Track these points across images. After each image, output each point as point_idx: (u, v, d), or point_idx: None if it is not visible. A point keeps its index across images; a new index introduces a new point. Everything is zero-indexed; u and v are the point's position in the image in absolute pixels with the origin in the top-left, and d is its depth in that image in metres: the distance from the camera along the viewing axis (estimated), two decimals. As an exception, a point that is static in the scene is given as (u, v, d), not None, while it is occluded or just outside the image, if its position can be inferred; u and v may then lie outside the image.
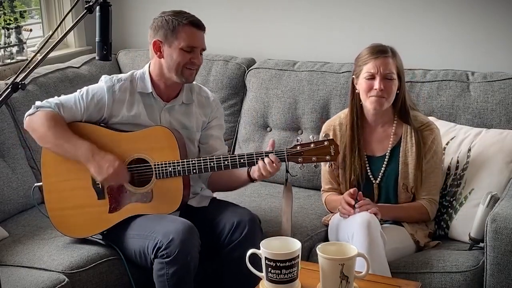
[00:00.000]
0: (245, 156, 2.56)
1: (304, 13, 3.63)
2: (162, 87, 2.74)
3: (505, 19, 3.23)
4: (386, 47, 2.73)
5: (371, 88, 2.68)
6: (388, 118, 2.80)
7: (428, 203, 2.77)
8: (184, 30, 2.64)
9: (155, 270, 2.51)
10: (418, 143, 2.73)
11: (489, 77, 3.09)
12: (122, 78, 2.74)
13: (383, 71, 2.67)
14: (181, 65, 2.66)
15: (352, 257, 2.11)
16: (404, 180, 2.76)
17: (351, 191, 2.65)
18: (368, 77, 2.69)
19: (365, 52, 2.74)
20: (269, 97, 3.43)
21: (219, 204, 2.80)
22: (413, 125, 2.75)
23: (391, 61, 2.70)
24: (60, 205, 2.70)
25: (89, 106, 2.68)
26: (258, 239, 2.38)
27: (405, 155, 2.76)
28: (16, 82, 2.01)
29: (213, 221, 2.66)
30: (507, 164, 2.79)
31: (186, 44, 2.64)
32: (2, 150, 3.07)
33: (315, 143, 2.50)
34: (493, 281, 2.48)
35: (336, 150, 2.50)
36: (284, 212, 2.59)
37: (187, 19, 2.65)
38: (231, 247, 2.59)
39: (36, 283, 2.44)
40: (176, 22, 2.64)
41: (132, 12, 4.01)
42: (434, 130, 2.77)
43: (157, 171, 2.61)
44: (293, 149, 2.52)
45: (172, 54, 2.65)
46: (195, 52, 2.67)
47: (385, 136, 2.80)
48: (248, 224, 2.58)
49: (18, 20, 3.61)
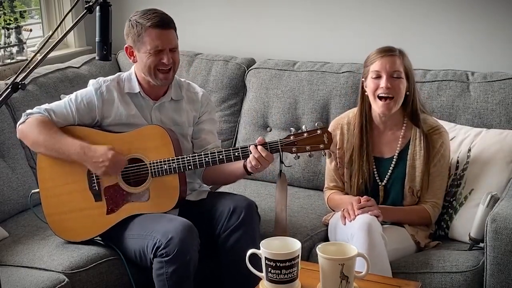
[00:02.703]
0: (239, 150, 2.56)
1: (304, 13, 3.63)
2: (148, 87, 2.75)
3: (505, 19, 3.23)
4: (394, 48, 2.72)
5: (377, 87, 2.66)
6: (397, 120, 2.78)
7: (431, 207, 2.76)
8: (147, 33, 2.62)
9: (155, 269, 2.51)
10: (427, 147, 2.72)
11: (489, 77, 3.09)
12: (108, 79, 2.76)
13: (389, 69, 2.66)
14: (152, 68, 2.65)
15: (352, 257, 2.11)
16: (411, 183, 2.75)
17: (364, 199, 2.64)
18: (374, 76, 2.68)
19: (373, 52, 2.73)
20: (269, 97, 3.43)
21: (216, 195, 2.82)
22: (422, 129, 2.73)
23: (398, 60, 2.68)
24: (57, 209, 2.71)
25: (79, 109, 2.70)
26: (255, 224, 2.39)
27: (413, 158, 2.75)
28: (16, 82, 2.01)
29: (211, 210, 2.67)
30: (507, 164, 2.79)
31: (152, 48, 2.62)
32: (2, 150, 3.07)
33: (308, 132, 2.50)
34: (493, 281, 2.48)
35: (329, 138, 2.50)
36: (278, 202, 2.59)
37: (150, 20, 2.62)
38: (228, 232, 2.59)
39: (36, 283, 2.44)
40: (139, 27, 2.63)
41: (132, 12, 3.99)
42: (443, 134, 2.76)
43: (152, 170, 2.61)
44: (286, 139, 2.52)
45: (142, 59, 2.66)
46: (164, 53, 2.65)
47: (393, 138, 2.79)
48: (244, 210, 2.59)
49: (18, 20, 3.61)
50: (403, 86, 2.68)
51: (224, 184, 2.99)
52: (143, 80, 2.74)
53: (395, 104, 2.68)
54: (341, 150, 2.82)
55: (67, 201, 2.69)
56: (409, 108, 2.74)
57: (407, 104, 2.73)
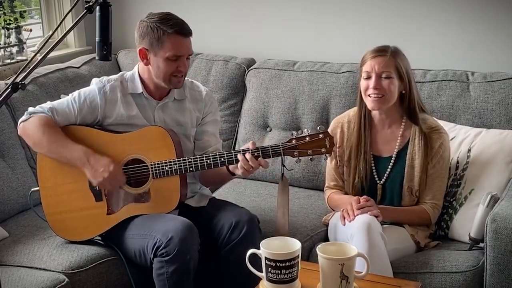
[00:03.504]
0: (241, 152, 2.55)
1: (304, 13, 3.64)
2: (152, 88, 2.74)
3: (505, 19, 3.23)
4: (387, 47, 2.73)
5: (367, 87, 2.69)
6: (395, 118, 2.79)
7: (431, 208, 2.76)
8: (169, 39, 2.60)
9: (155, 269, 2.51)
10: (426, 146, 2.72)
11: (489, 77, 3.09)
12: (112, 79, 2.74)
13: (378, 70, 2.67)
14: (168, 74, 2.64)
15: (352, 257, 2.11)
16: (409, 183, 2.75)
17: (363, 199, 2.64)
18: (365, 76, 2.71)
19: (366, 53, 2.75)
20: (269, 97, 3.43)
21: (217, 204, 2.80)
22: (421, 127, 2.74)
23: (388, 60, 2.69)
24: (58, 209, 2.70)
25: (82, 109, 2.69)
26: (257, 239, 2.38)
27: (412, 158, 2.75)
28: (16, 82, 2.01)
29: (211, 221, 2.66)
30: (507, 164, 2.79)
31: (172, 54, 2.61)
32: (2, 150, 3.07)
33: (310, 136, 2.50)
34: (493, 281, 2.48)
35: (331, 143, 2.50)
36: (280, 206, 2.58)
37: (172, 27, 2.60)
38: (230, 247, 2.58)
39: (36, 283, 2.44)
40: (161, 32, 2.59)
41: (132, 12, 4.01)
42: (443, 135, 2.76)
43: (153, 171, 2.61)
44: (288, 143, 2.52)
45: (158, 64, 2.64)
46: (182, 60, 2.64)
47: (392, 137, 2.79)
48: (246, 224, 2.58)
49: (18, 20, 3.61)
50: (393, 86, 2.69)
51: (214, 185, 2.97)
52: (150, 81, 2.72)
53: (384, 101, 2.69)
54: (341, 148, 2.82)
55: (68, 200, 2.69)
56: (406, 105, 2.75)
57: (403, 101, 2.75)
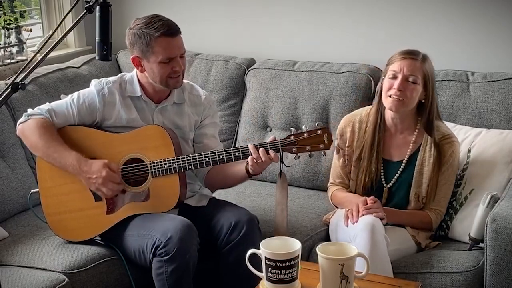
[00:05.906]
0: (240, 150, 2.56)
1: (304, 13, 3.63)
2: (151, 91, 2.74)
3: (505, 19, 3.23)
4: (419, 52, 2.69)
5: (391, 87, 2.66)
6: (409, 125, 2.77)
7: (435, 214, 2.75)
8: (158, 43, 2.58)
9: (154, 268, 2.51)
10: (438, 155, 2.70)
11: (489, 77, 3.09)
12: (111, 81, 2.74)
13: (406, 72, 2.64)
14: (164, 76, 2.64)
15: (352, 257, 2.11)
16: (417, 189, 2.74)
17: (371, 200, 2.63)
18: (391, 76, 2.67)
19: (396, 53, 2.72)
20: (269, 97, 3.43)
21: (217, 204, 2.79)
22: (434, 138, 2.72)
23: (418, 65, 2.66)
24: (57, 209, 2.70)
25: (81, 110, 2.69)
26: (257, 239, 2.38)
27: (422, 165, 2.74)
28: (16, 82, 2.01)
29: (211, 221, 2.66)
30: (507, 164, 2.79)
31: (164, 57, 2.60)
32: (2, 150, 3.07)
33: (308, 132, 2.51)
34: (493, 281, 2.48)
35: (329, 139, 2.50)
36: (278, 202, 2.58)
37: (158, 30, 2.57)
38: (229, 247, 2.58)
39: (36, 283, 2.44)
40: (148, 37, 2.58)
41: (132, 12, 4.01)
42: (455, 143, 2.74)
43: (152, 170, 2.61)
44: (286, 139, 2.52)
45: (153, 69, 2.63)
46: (175, 60, 2.63)
47: (404, 142, 2.78)
48: (246, 224, 2.58)
49: (18, 20, 3.61)
50: (416, 93, 2.66)
51: (226, 187, 2.97)
52: (148, 85, 2.72)
53: (403, 105, 2.66)
54: (350, 148, 2.82)
55: (67, 201, 2.69)
56: (425, 116, 2.71)
57: (423, 111, 2.72)
